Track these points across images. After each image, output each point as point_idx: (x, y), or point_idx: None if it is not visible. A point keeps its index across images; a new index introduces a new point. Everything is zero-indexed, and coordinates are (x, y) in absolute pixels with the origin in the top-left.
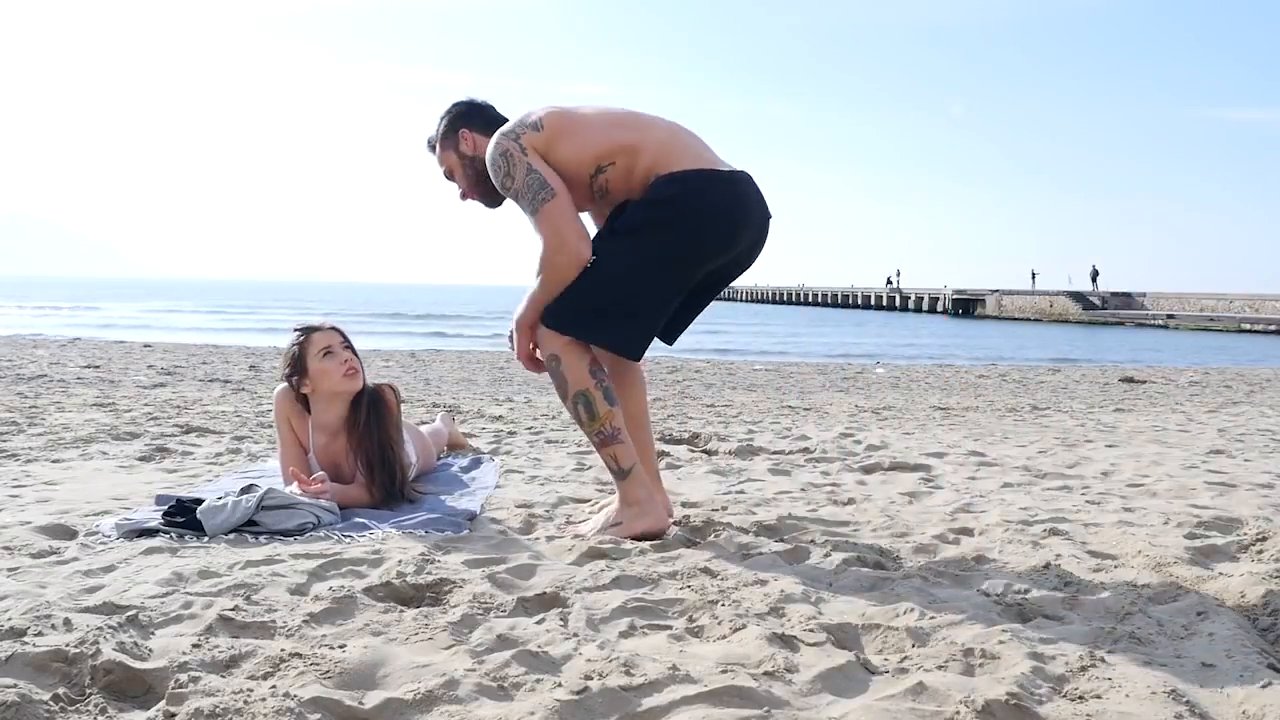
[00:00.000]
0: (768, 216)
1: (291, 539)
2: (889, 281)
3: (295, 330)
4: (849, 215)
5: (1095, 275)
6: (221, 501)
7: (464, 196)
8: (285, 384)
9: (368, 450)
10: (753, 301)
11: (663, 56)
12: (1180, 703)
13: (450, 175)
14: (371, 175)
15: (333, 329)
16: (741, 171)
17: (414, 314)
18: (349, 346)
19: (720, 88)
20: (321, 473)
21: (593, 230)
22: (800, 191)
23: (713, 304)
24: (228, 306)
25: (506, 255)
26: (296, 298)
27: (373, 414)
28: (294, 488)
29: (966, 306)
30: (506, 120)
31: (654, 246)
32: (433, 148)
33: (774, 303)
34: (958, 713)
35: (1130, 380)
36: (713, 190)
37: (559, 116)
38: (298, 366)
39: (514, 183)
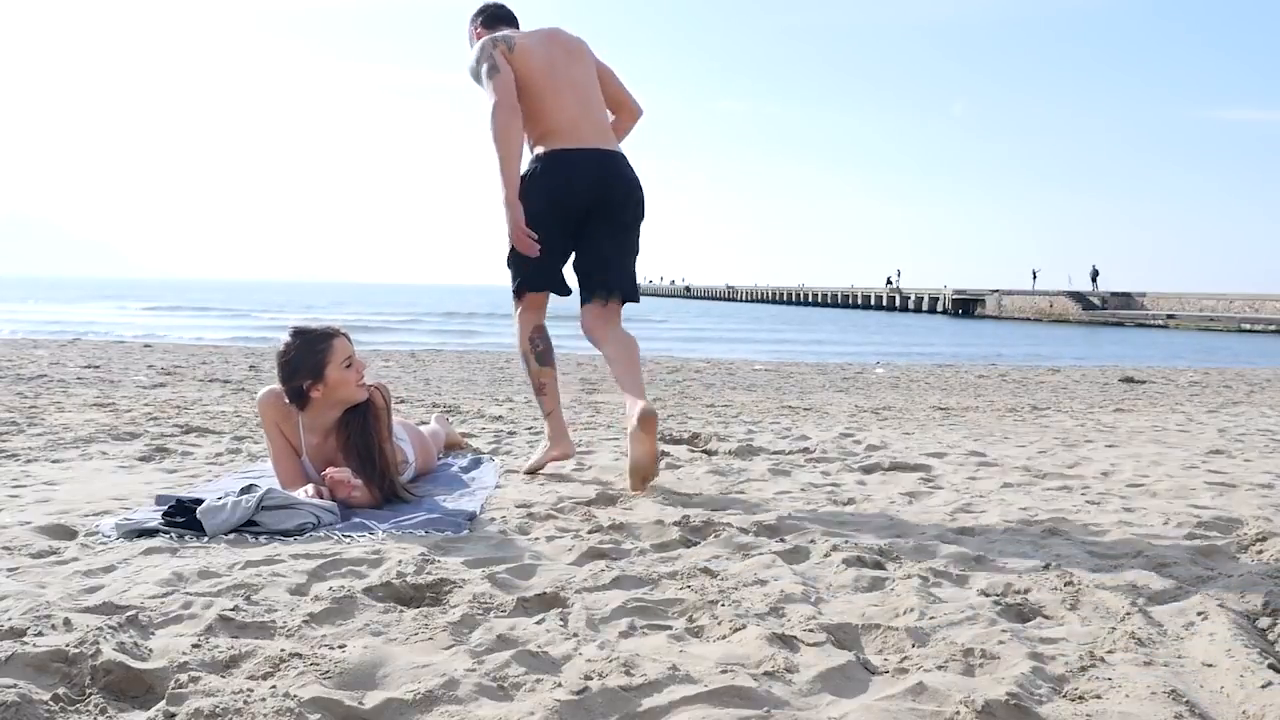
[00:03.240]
0: (603, 167)
1: (291, 539)
2: (889, 281)
3: (301, 333)
4: (849, 215)
5: (1095, 275)
6: (221, 501)
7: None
8: (275, 386)
9: (359, 450)
10: (753, 301)
11: (663, 56)
12: (1180, 703)
13: None
14: (371, 175)
15: (345, 336)
16: (582, 149)
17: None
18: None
19: (720, 88)
20: (347, 470)
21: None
22: (800, 191)
23: (713, 304)
24: (227, 308)
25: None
26: (296, 298)
27: (363, 414)
28: (302, 493)
29: (966, 306)
30: (507, 16)
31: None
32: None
33: (774, 302)
34: (958, 713)
35: (1130, 380)
36: (552, 165)
37: (522, 66)
38: (315, 372)
39: (477, 65)
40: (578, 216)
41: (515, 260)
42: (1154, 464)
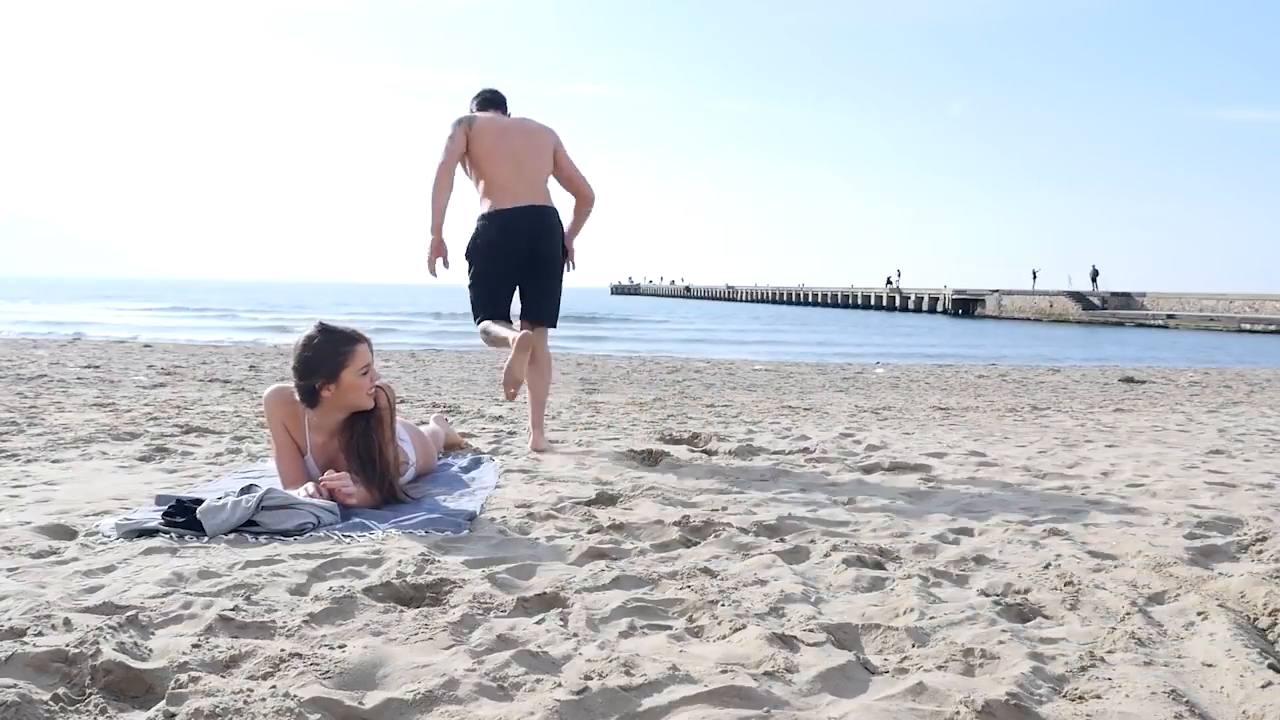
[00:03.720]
0: (533, 221)
1: (291, 539)
2: (889, 281)
3: (327, 331)
4: (849, 215)
5: (1095, 275)
6: (221, 501)
7: None
8: (284, 385)
9: (360, 450)
10: (753, 301)
11: (663, 56)
12: (1180, 703)
13: None
14: (371, 176)
15: (368, 343)
16: (516, 208)
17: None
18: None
19: (720, 88)
20: (345, 474)
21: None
22: (800, 191)
23: (713, 304)
24: (225, 309)
25: None
26: (295, 298)
27: (366, 417)
28: (301, 492)
29: (966, 306)
30: (497, 103)
31: (471, 269)
32: None
33: (774, 302)
34: (958, 713)
35: (1130, 380)
36: (487, 225)
37: (478, 138)
38: (331, 373)
39: (447, 131)
40: (519, 257)
41: (475, 298)
42: (1154, 464)
